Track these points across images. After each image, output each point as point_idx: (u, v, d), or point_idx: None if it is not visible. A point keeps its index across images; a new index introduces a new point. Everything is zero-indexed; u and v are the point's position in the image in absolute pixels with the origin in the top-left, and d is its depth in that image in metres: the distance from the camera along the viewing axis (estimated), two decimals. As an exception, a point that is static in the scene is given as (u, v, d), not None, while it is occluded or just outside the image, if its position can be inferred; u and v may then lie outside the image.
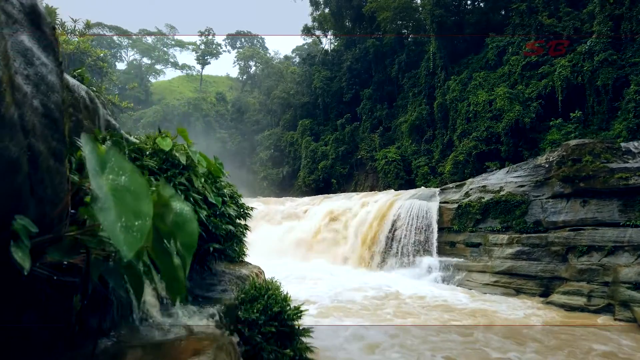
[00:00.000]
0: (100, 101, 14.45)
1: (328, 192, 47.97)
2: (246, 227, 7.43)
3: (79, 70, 6.19)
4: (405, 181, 40.71)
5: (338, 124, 48.61)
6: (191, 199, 4.99)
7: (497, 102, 32.58)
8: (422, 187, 24.61)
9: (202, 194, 5.37)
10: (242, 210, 7.28)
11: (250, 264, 8.03)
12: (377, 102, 47.11)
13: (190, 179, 5.21)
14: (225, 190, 6.48)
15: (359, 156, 46.30)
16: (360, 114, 48.20)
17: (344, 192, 46.91)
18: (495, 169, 19.53)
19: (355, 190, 46.01)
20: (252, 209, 7.62)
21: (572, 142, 14.69)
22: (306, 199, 29.04)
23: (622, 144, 14.24)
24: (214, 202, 5.59)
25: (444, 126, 39.02)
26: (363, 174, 46.51)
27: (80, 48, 13.45)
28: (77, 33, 14.47)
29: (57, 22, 15.10)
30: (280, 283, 7.49)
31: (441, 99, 38.75)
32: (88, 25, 15.06)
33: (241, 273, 6.72)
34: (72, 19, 15.17)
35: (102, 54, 14.72)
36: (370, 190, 44.14)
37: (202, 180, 5.45)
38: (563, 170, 14.41)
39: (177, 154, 5.08)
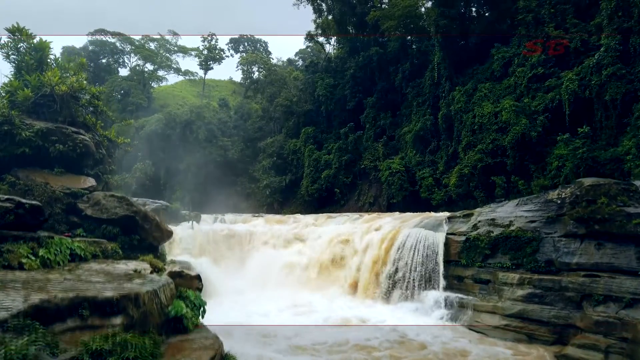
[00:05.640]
0: (95, 140, 14.00)
1: (331, 202, 47.60)
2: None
3: None
4: (409, 192, 40.18)
5: (341, 133, 48.06)
6: None
7: (503, 114, 31.98)
8: (429, 213, 24.06)
9: None
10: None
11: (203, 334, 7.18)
12: (381, 111, 46.54)
13: None
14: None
15: (363, 166, 45.73)
16: (363, 122, 47.65)
17: (348, 201, 46.55)
18: (504, 200, 18.90)
19: (358, 200, 45.59)
20: None
21: (587, 182, 14.06)
22: (309, 218, 28.54)
23: (638, 183, 13.64)
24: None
25: (448, 137, 38.44)
26: (366, 184, 45.96)
27: (75, 87, 12.97)
28: (71, 72, 14.00)
29: (51, 56, 14.60)
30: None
31: (446, 110, 38.16)
32: (82, 64, 14.58)
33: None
34: (67, 58, 14.71)
35: (96, 92, 14.22)
36: (374, 202, 43.73)
37: None
38: (577, 211, 13.80)
39: None
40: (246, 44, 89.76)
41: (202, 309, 7.80)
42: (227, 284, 20.32)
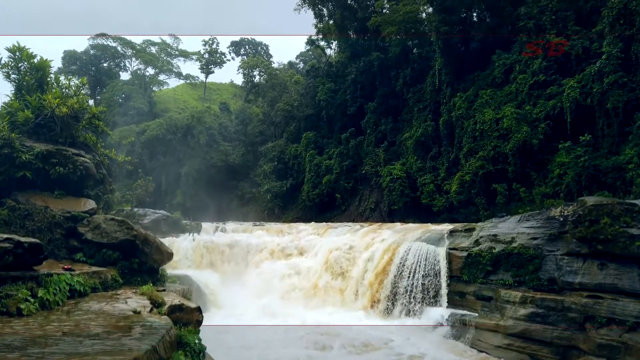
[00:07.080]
0: (95, 161, 13.94)
1: (332, 208, 47.56)
2: None
3: None
4: (410, 199, 40.04)
5: (342, 138, 47.98)
6: None
7: (504, 121, 31.88)
8: (430, 226, 23.92)
9: None
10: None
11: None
12: (382, 116, 46.46)
13: None
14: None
15: (364, 171, 45.66)
16: (364, 127, 47.55)
17: (349, 207, 46.46)
18: (506, 215, 18.79)
19: (359, 206, 45.49)
20: None
21: (590, 201, 13.96)
22: (310, 227, 28.51)
23: (641, 204, 13.58)
24: None
25: (449, 143, 38.34)
26: (367, 189, 45.88)
27: (75, 109, 12.95)
28: (72, 91, 13.99)
29: (51, 74, 14.57)
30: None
31: (447, 116, 38.07)
32: (83, 83, 14.59)
33: None
34: (67, 77, 14.70)
35: (97, 112, 14.22)
36: (375, 207, 43.61)
37: None
38: (580, 230, 13.69)
39: None
40: (247, 47, 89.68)
41: (201, 354, 7.77)
42: (228, 297, 20.29)
